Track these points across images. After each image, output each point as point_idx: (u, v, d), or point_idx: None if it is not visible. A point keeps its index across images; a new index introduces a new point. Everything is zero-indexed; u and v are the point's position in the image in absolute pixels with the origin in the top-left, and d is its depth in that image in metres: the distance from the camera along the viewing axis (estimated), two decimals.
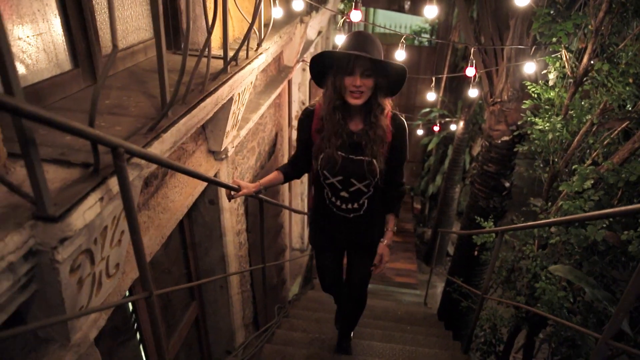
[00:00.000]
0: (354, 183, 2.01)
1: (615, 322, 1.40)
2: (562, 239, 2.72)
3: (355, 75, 1.77)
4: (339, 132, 1.91)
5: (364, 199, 2.07)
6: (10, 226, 1.05)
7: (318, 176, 2.08)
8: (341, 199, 2.08)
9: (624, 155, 2.44)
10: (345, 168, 1.98)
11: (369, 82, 1.79)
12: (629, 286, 1.33)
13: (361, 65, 1.76)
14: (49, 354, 1.39)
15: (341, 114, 1.90)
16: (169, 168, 1.51)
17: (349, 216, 2.13)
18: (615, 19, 2.74)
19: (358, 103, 1.83)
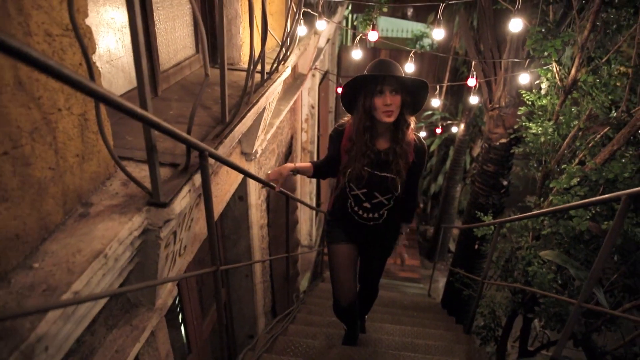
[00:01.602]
0: (377, 196, 2.21)
1: (587, 289, 1.76)
2: (553, 229, 3.08)
3: (384, 95, 1.95)
4: (367, 153, 2.10)
5: (384, 210, 2.26)
6: (133, 210, 1.41)
7: (344, 187, 2.27)
8: (363, 209, 2.27)
9: (605, 156, 2.81)
10: (371, 182, 2.16)
11: (397, 100, 1.96)
12: (597, 259, 1.69)
13: (389, 85, 1.94)
14: (140, 315, 1.75)
15: (369, 135, 2.08)
16: (232, 168, 1.86)
17: (368, 224, 2.32)
18: (599, 36, 3.10)
19: (390, 120, 2.00)
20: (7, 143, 1.10)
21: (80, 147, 1.39)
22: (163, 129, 1.21)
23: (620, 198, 1.60)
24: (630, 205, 1.66)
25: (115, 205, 1.42)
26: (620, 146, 2.73)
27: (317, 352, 2.66)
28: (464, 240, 5.60)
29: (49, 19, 1.20)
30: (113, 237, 1.30)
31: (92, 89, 0.85)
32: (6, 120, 1.09)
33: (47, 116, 1.23)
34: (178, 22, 2.58)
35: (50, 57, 0.80)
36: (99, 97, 0.90)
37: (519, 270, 3.42)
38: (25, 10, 1.12)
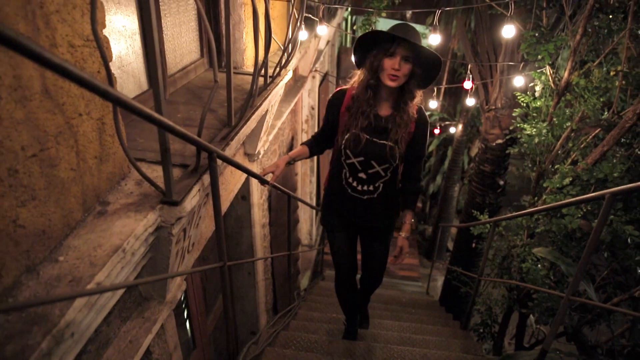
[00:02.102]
0: (373, 165, 2.10)
1: (575, 282, 1.86)
2: (546, 228, 3.19)
3: (396, 58, 1.86)
4: (367, 113, 2.01)
5: (380, 182, 2.15)
6: (147, 208, 1.51)
7: (339, 155, 2.18)
8: (358, 179, 2.16)
9: (595, 157, 2.91)
10: (368, 150, 2.06)
11: (406, 68, 1.88)
12: (584, 254, 1.79)
13: (403, 49, 1.85)
14: (151, 308, 1.85)
15: (372, 95, 2.00)
16: (238, 168, 1.95)
17: (362, 197, 2.20)
18: (591, 40, 3.21)
19: (393, 85, 1.92)
20: (36, 146, 1.20)
21: (98, 149, 1.48)
22: (177, 133, 1.31)
23: (605, 196, 1.69)
24: (613, 203, 1.76)
25: (131, 204, 1.52)
26: (610, 147, 2.84)
27: (318, 346, 2.76)
28: (462, 239, 5.71)
29: (72, 31, 1.30)
30: (130, 233, 1.40)
31: (122, 100, 0.95)
32: (35, 125, 1.19)
33: (70, 121, 1.33)
34: (184, 27, 2.67)
35: (84, 71, 0.90)
36: (123, 105, 1.00)
37: (514, 267, 3.52)
38: (52, 24, 1.22)
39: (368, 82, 1.98)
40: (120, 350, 1.65)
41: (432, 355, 2.79)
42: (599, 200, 1.74)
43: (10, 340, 1.02)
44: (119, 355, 1.63)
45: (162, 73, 1.41)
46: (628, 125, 2.67)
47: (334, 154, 2.29)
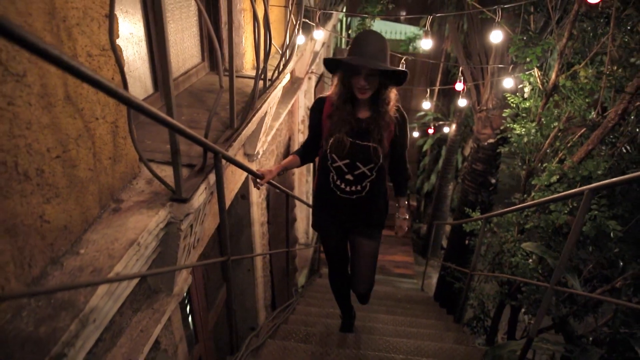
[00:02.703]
0: (359, 166, 2.18)
1: (557, 272, 1.99)
2: (535, 224, 3.32)
3: (361, 76, 1.95)
4: (348, 120, 2.10)
5: (367, 182, 2.23)
6: (158, 205, 1.62)
7: (326, 160, 2.25)
8: (346, 181, 2.24)
9: (581, 155, 3.04)
10: (352, 152, 2.14)
11: (373, 82, 1.98)
12: (566, 244, 1.91)
13: (365, 68, 1.93)
14: (160, 300, 1.96)
15: (351, 105, 2.10)
16: (240, 168, 2.07)
17: (351, 198, 2.28)
18: (576, 43, 3.34)
19: (365, 97, 2.03)
20: (59, 148, 1.31)
21: (112, 150, 1.59)
22: (188, 135, 1.42)
23: (584, 192, 1.82)
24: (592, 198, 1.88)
25: (143, 201, 1.63)
26: (595, 145, 2.97)
27: (316, 338, 2.87)
28: (455, 237, 5.84)
29: (90, 42, 1.41)
30: (143, 228, 1.51)
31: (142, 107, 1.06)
32: (58, 129, 1.30)
33: (88, 124, 1.44)
34: (186, 33, 2.78)
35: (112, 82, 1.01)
36: (145, 112, 1.11)
37: (505, 262, 3.65)
38: (73, 36, 1.33)
39: (344, 98, 2.08)
40: (133, 339, 1.76)
41: (426, 346, 2.91)
42: (579, 195, 1.86)
43: (42, 323, 1.13)
44: (131, 344, 1.74)
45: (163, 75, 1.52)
46: (611, 125, 2.80)
47: (320, 160, 2.37)
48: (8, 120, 1.11)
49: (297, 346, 2.61)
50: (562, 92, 3.43)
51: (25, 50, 0.70)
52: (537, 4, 3.57)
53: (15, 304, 1.16)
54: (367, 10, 4.57)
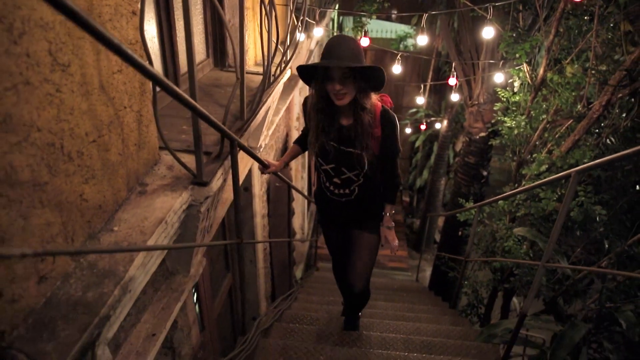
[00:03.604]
0: (344, 172, 2.15)
1: (548, 251, 2.14)
2: (526, 211, 3.49)
3: (334, 81, 1.88)
4: (327, 129, 2.07)
5: (355, 186, 2.21)
6: (181, 188, 1.75)
7: (316, 162, 2.27)
8: (334, 184, 2.23)
9: (568, 145, 3.21)
10: (337, 158, 2.12)
11: (348, 85, 1.89)
12: (555, 224, 2.07)
13: (338, 70, 1.86)
14: (178, 281, 2.08)
15: (327, 115, 2.04)
16: (250, 155, 2.19)
17: (341, 200, 2.28)
18: (563, 40, 3.51)
19: (343, 103, 1.95)
20: (95, 133, 1.43)
21: (137, 137, 1.72)
22: (210, 121, 1.55)
23: (571, 174, 1.98)
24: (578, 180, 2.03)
25: (166, 185, 1.76)
26: (581, 136, 3.14)
27: (320, 322, 3.00)
28: (448, 229, 6.02)
29: (120, 36, 1.53)
30: (169, 208, 1.63)
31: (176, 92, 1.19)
32: (94, 115, 1.42)
33: (118, 112, 1.56)
34: (194, 30, 2.90)
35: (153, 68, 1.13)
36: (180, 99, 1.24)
37: (497, 248, 3.81)
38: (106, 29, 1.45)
39: (317, 108, 2.04)
40: (155, 316, 1.88)
41: (424, 327, 3.06)
42: (567, 178, 2.02)
43: (89, 289, 1.26)
44: (154, 320, 1.86)
45: (173, 69, 1.65)
46: (595, 116, 2.97)
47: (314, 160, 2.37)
48: (56, 105, 1.23)
49: (303, 328, 2.75)
50: (550, 86, 3.60)
51: (96, 38, 0.82)
52: (525, 2, 3.75)
53: (62, 273, 1.28)
54: (364, 8, 4.72)
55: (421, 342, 2.65)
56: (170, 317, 1.91)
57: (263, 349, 2.35)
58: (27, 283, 1.14)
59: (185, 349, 2.39)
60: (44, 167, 1.18)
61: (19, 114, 1.07)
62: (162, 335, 1.84)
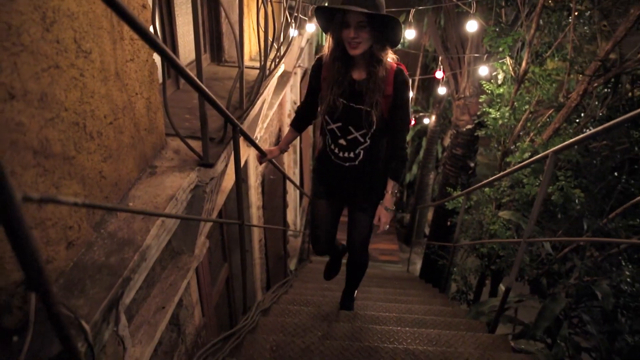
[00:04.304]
0: (351, 131, 2.09)
1: (529, 227, 2.30)
2: (511, 198, 3.66)
3: (350, 28, 1.85)
4: (340, 81, 2.01)
5: (360, 149, 2.13)
6: (188, 169, 1.88)
7: (322, 122, 2.19)
8: (339, 146, 2.16)
9: (549, 133, 3.39)
10: (345, 115, 2.06)
11: (364, 34, 1.84)
12: (535, 202, 2.23)
13: (355, 17, 1.82)
14: (183, 260, 2.21)
15: (343, 64, 1.99)
16: (249, 142, 2.32)
17: (345, 165, 2.20)
18: (543, 34, 3.70)
19: (356, 53, 1.90)
20: (111, 116, 1.56)
21: (147, 122, 1.84)
22: (216, 105, 1.68)
23: (548, 155, 2.14)
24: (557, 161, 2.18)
25: (174, 167, 1.89)
26: (561, 124, 3.32)
27: (316, 304, 3.14)
28: (438, 220, 6.20)
29: None
30: (178, 187, 1.76)
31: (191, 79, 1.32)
32: (111, 99, 1.55)
33: (130, 98, 1.69)
34: (191, 27, 3.02)
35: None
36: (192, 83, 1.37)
37: (484, 234, 3.99)
38: (121, 21, 1.58)
39: (334, 55, 1.99)
40: (164, 291, 2.01)
41: (415, 308, 3.22)
42: (545, 159, 2.18)
43: (111, 255, 1.39)
44: (163, 295, 1.99)
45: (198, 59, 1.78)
46: (574, 105, 3.15)
47: (320, 122, 2.29)
48: (80, 88, 1.36)
49: (300, 309, 2.89)
50: (532, 78, 3.78)
51: (133, 28, 0.95)
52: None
53: (86, 241, 1.41)
54: None
55: (413, 320, 2.80)
56: (177, 292, 2.04)
57: (264, 325, 2.48)
58: (58, 247, 1.27)
59: (189, 327, 2.52)
60: (72, 143, 1.31)
61: (52, 93, 1.19)
62: (170, 309, 1.96)
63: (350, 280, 2.83)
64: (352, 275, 2.79)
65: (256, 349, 2.09)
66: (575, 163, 3.31)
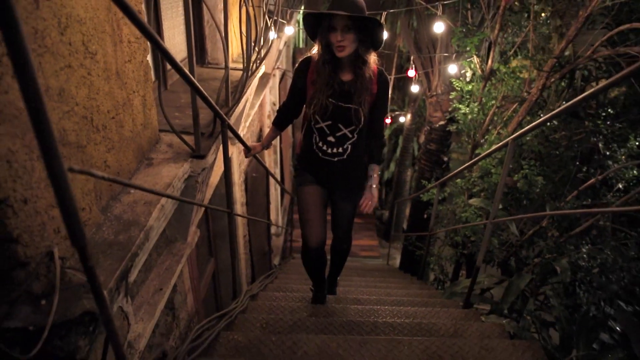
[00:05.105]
0: (340, 128, 2.24)
1: (494, 209, 2.53)
2: (480, 187, 3.91)
3: (337, 32, 1.99)
4: (330, 83, 2.15)
5: (348, 144, 2.29)
6: (182, 160, 2.05)
7: (309, 121, 2.32)
8: (328, 143, 2.29)
9: (514, 125, 3.65)
10: (335, 114, 2.19)
11: (350, 36, 1.99)
12: (498, 186, 2.46)
13: (340, 21, 1.97)
14: (177, 247, 2.37)
15: (332, 67, 2.13)
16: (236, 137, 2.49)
17: (333, 160, 2.33)
18: (507, 34, 3.97)
19: (343, 55, 2.05)
20: (113, 111, 1.72)
21: (143, 118, 2.01)
22: (206, 100, 1.86)
23: (508, 143, 2.37)
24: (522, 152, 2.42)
25: (169, 158, 2.05)
26: (524, 117, 3.58)
27: (301, 291, 3.33)
28: (415, 213, 6.46)
29: (130, 32, 1.83)
30: (174, 176, 1.93)
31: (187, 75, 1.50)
32: (113, 96, 1.71)
33: (129, 95, 1.85)
34: (177, 30, 3.19)
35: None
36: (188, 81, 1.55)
37: (457, 223, 4.23)
38: (121, 26, 1.74)
39: (324, 59, 2.13)
40: (160, 275, 2.17)
41: (395, 292, 3.43)
42: (506, 146, 2.41)
43: (119, 234, 1.55)
44: (160, 278, 2.15)
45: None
46: (534, 99, 3.42)
47: (304, 121, 2.43)
48: (87, 86, 1.52)
49: (286, 295, 3.07)
50: (497, 75, 4.05)
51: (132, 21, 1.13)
52: (473, 1, 4.20)
53: (96, 222, 1.57)
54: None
55: (392, 300, 3.01)
56: (173, 276, 2.20)
57: (253, 308, 2.65)
58: None
59: (182, 313, 2.67)
60: (83, 134, 1.47)
61: (68, 89, 1.36)
62: (167, 291, 2.12)
63: (334, 265, 2.95)
64: (336, 261, 2.90)
65: (247, 326, 2.26)
66: (538, 153, 3.58)
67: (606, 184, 3.64)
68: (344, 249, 2.72)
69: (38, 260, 1.26)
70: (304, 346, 1.88)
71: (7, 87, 1.09)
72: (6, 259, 1.18)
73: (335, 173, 2.39)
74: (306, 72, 2.26)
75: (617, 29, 2.93)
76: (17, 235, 1.17)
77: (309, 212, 2.45)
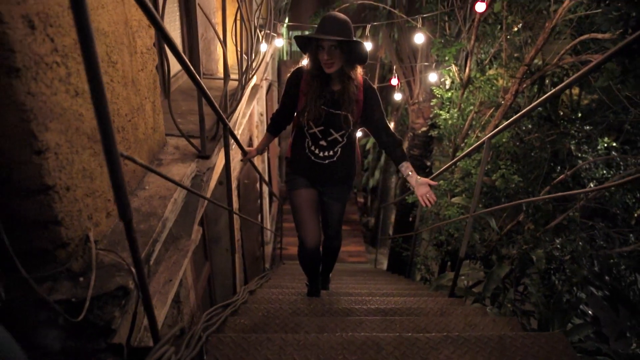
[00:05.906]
0: (332, 133, 2.43)
1: (474, 203, 2.76)
2: (462, 188, 4.15)
3: (324, 50, 2.19)
4: (321, 94, 2.35)
5: (338, 147, 2.49)
6: (189, 160, 2.23)
7: (301, 127, 2.49)
8: (320, 147, 2.48)
9: (491, 129, 3.91)
10: (327, 120, 2.38)
11: (337, 53, 2.19)
12: (477, 182, 2.69)
13: (327, 42, 2.17)
14: (182, 244, 2.53)
15: (322, 80, 2.34)
16: (235, 141, 2.68)
17: (324, 162, 2.51)
18: (482, 44, 4.26)
19: (331, 71, 2.26)
20: (130, 115, 1.90)
21: (153, 122, 2.19)
22: (211, 103, 2.05)
23: (484, 142, 2.61)
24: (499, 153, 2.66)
25: (177, 159, 2.24)
26: (500, 121, 3.85)
27: (296, 287, 3.51)
28: (400, 218, 6.69)
29: (142, 43, 2.02)
30: (184, 174, 2.12)
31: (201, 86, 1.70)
32: (129, 102, 1.90)
33: (142, 101, 2.04)
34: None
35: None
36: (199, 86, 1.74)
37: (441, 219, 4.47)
38: (135, 39, 1.94)
39: (313, 74, 2.34)
40: (169, 268, 2.33)
41: (384, 287, 3.63)
42: (482, 145, 2.64)
43: (140, 223, 1.72)
44: (169, 271, 2.31)
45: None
46: (509, 103, 3.69)
47: (295, 127, 2.60)
48: (110, 91, 1.70)
49: (282, 290, 3.24)
50: (475, 83, 4.32)
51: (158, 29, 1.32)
52: (450, 14, 4.49)
53: None
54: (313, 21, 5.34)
55: (382, 293, 3.21)
56: (181, 269, 2.37)
57: (254, 301, 2.82)
58: (102, 215, 1.60)
59: (186, 307, 2.83)
60: None
61: None
62: (176, 282, 2.29)
63: (326, 262, 3.13)
64: (329, 258, 3.09)
65: (250, 315, 2.44)
66: (514, 154, 3.85)
67: (578, 183, 3.93)
68: (335, 245, 2.92)
69: (77, 242, 1.43)
70: (306, 327, 2.06)
71: (56, 89, 1.27)
72: (51, 239, 1.35)
73: (327, 174, 2.56)
74: (298, 83, 2.43)
75: (579, 38, 3.23)
76: (61, 218, 1.34)
77: (303, 214, 2.59)
